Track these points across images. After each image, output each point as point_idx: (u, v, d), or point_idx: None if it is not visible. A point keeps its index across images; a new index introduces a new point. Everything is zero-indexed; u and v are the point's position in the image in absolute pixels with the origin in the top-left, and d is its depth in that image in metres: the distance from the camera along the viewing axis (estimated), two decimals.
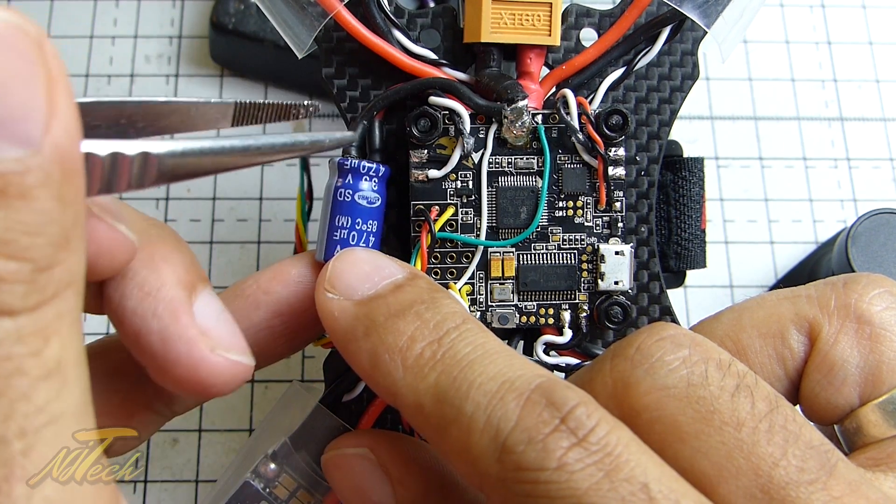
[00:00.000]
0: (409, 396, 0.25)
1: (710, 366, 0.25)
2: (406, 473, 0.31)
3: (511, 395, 0.23)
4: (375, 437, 0.32)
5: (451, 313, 0.27)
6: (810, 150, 0.59)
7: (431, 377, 0.25)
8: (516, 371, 0.24)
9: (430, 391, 0.25)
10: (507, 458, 0.23)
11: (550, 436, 0.22)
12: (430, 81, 0.35)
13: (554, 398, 0.23)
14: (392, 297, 0.28)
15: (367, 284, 0.29)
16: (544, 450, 0.22)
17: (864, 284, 0.29)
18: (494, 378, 0.24)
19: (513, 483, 0.22)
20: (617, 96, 0.37)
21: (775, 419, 0.24)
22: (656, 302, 0.37)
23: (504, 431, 0.23)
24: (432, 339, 0.26)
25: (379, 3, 0.35)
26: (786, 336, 0.29)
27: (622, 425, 0.23)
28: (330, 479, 0.33)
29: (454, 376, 0.25)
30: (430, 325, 0.26)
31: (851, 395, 0.28)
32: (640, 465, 0.22)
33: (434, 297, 0.28)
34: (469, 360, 0.25)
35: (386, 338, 0.26)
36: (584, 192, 0.36)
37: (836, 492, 0.23)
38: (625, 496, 0.21)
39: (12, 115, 0.18)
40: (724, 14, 0.35)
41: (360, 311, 0.28)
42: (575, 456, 0.22)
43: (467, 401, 0.24)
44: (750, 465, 0.23)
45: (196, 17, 0.59)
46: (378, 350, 0.26)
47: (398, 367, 0.26)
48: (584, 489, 0.21)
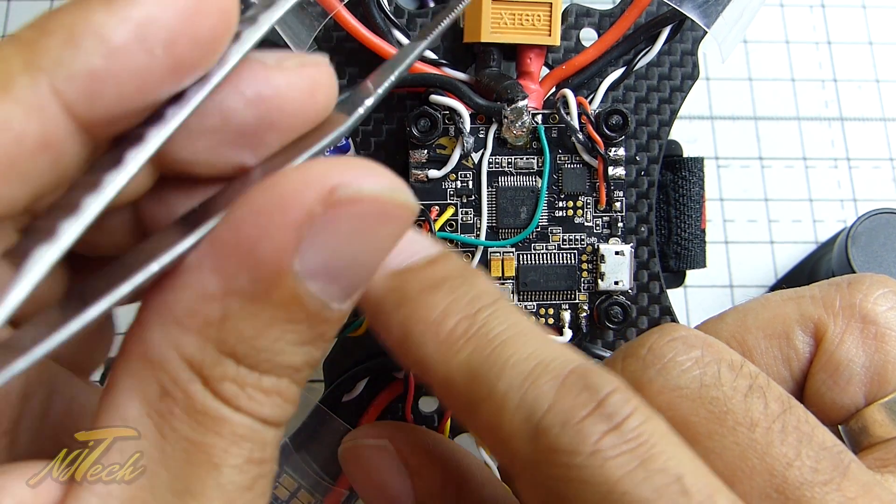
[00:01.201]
0: (439, 371, 0.25)
1: (722, 366, 0.25)
2: (425, 466, 0.30)
3: (546, 377, 0.23)
4: (395, 428, 0.32)
5: (486, 291, 0.27)
6: (810, 150, 0.59)
7: (464, 353, 0.25)
8: (551, 353, 0.24)
9: (463, 367, 0.24)
10: (541, 440, 0.22)
11: (586, 420, 0.22)
12: (430, 77, 0.35)
13: (590, 382, 0.23)
14: (425, 270, 0.27)
15: (400, 257, 0.28)
16: (579, 434, 0.22)
17: (868, 284, 0.29)
18: (529, 358, 0.24)
19: (545, 466, 0.22)
20: (617, 96, 0.37)
21: (788, 420, 0.24)
22: (656, 302, 0.37)
23: (538, 412, 0.23)
24: (466, 314, 0.25)
25: (379, 3, 0.35)
26: (791, 337, 0.29)
27: (658, 416, 0.23)
28: (347, 471, 0.33)
29: (487, 354, 0.24)
30: (464, 300, 0.26)
31: (857, 395, 0.28)
32: (676, 458, 0.22)
33: (468, 273, 0.28)
34: (503, 338, 0.24)
35: (418, 310, 0.26)
36: (584, 192, 0.36)
37: (850, 493, 0.23)
38: (659, 487, 0.21)
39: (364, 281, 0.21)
40: (724, 14, 0.35)
41: (392, 282, 0.27)
42: (610, 442, 0.22)
43: (500, 379, 0.23)
44: (764, 465, 0.23)
45: None
46: (410, 322, 0.26)
47: (430, 341, 0.25)
48: (617, 477, 0.21)
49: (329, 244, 0.20)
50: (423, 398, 0.37)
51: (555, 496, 0.22)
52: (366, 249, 0.21)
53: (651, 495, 0.21)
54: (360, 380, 0.37)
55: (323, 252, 0.20)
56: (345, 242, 0.20)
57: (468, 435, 0.35)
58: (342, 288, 0.21)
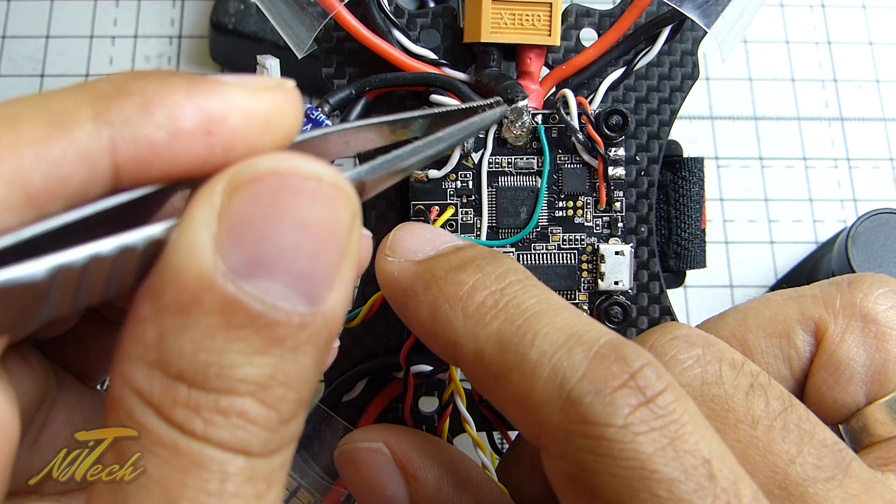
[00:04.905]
0: (469, 345, 0.25)
1: (723, 365, 0.25)
2: (420, 469, 0.30)
3: (579, 347, 0.23)
4: (390, 431, 0.32)
5: (514, 268, 0.27)
6: (810, 150, 0.59)
7: (494, 325, 0.24)
8: (584, 325, 0.24)
9: (493, 338, 0.24)
10: (572, 409, 0.22)
11: (619, 391, 0.22)
12: (430, 76, 0.35)
13: (624, 354, 0.23)
14: (453, 254, 0.27)
15: (428, 247, 0.28)
16: (612, 404, 0.22)
17: (868, 284, 0.29)
18: (561, 330, 0.24)
19: (575, 436, 0.22)
20: (617, 96, 0.37)
21: (790, 418, 0.24)
22: (656, 302, 0.37)
23: (570, 381, 0.22)
24: (495, 288, 0.25)
25: (379, 3, 0.35)
26: (792, 336, 0.29)
27: (687, 395, 0.23)
28: (343, 474, 0.33)
29: (518, 325, 0.24)
30: (492, 276, 0.26)
31: (858, 394, 0.28)
32: (705, 440, 0.22)
33: (494, 254, 0.28)
34: (534, 310, 0.24)
35: (446, 289, 0.26)
36: (584, 192, 0.36)
37: (852, 490, 0.23)
38: (687, 468, 0.21)
39: (313, 272, 0.19)
40: (724, 14, 0.35)
41: (420, 268, 0.27)
42: (641, 416, 0.21)
43: (532, 349, 0.23)
44: (766, 462, 0.23)
45: (196, 17, 0.59)
46: (438, 301, 0.26)
47: (458, 316, 0.25)
48: (648, 454, 0.21)
49: (247, 233, 0.18)
50: (423, 398, 0.37)
51: (582, 469, 0.22)
52: (294, 234, 0.19)
53: (679, 476, 0.21)
54: (359, 380, 0.37)
55: (244, 243, 0.18)
56: (263, 227, 0.19)
57: (466, 435, 0.35)
58: (289, 285, 0.19)
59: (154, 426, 0.18)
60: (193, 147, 0.19)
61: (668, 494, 0.21)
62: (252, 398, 0.19)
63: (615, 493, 0.21)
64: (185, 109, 0.19)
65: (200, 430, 0.18)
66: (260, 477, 0.19)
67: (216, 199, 0.19)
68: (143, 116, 0.19)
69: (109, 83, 0.19)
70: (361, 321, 0.36)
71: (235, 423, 0.19)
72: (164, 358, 0.18)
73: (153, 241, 0.19)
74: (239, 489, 0.19)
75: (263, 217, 0.19)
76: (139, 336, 0.19)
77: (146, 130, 0.19)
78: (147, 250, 0.19)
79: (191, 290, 0.18)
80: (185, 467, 0.18)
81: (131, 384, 0.19)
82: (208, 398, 0.18)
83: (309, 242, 0.19)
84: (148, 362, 0.19)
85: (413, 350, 0.35)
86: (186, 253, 0.18)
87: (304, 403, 0.20)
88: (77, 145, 0.18)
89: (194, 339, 0.18)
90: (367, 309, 0.35)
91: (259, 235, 0.18)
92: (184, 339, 0.18)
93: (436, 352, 0.27)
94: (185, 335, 0.18)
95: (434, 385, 0.37)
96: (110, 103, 0.19)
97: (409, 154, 0.24)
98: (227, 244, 0.18)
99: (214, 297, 0.18)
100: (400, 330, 0.36)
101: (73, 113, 0.19)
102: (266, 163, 0.19)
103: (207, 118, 0.19)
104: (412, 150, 0.24)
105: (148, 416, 0.18)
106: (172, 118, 0.19)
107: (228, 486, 0.19)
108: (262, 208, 0.19)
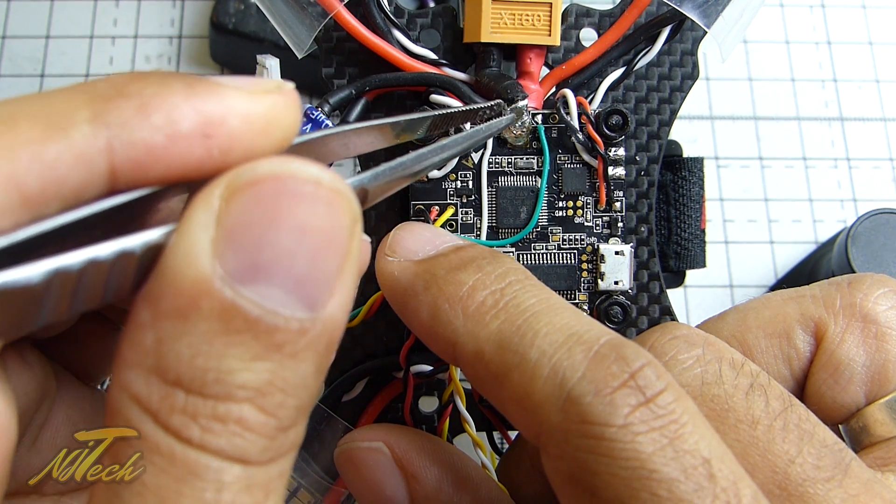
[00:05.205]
0: (469, 344, 0.25)
1: (723, 365, 0.25)
2: (420, 468, 0.30)
3: (579, 347, 0.23)
4: (390, 431, 0.32)
5: (514, 268, 0.27)
6: (810, 150, 0.59)
7: (494, 324, 0.24)
8: (584, 325, 0.24)
9: (492, 337, 0.24)
10: (572, 409, 0.22)
11: (618, 391, 0.22)
12: (430, 76, 0.35)
13: (624, 353, 0.23)
14: (453, 254, 0.27)
15: (428, 247, 0.28)
16: (611, 404, 0.22)
17: (868, 284, 0.29)
18: (561, 329, 0.24)
19: (575, 436, 0.22)
20: (617, 96, 0.37)
21: (789, 418, 0.24)
22: (656, 302, 0.37)
23: (570, 380, 0.22)
24: (495, 288, 0.25)
25: (379, 3, 0.35)
26: (791, 336, 0.29)
27: (687, 395, 0.23)
28: (343, 473, 0.33)
29: (518, 324, 0.24)
30: (492, 275, 0.26)
31: (858, 394, 0.28)
32: (705, 440, 0.22)
33: (495, 254, 0.28)
34: (534, 310, 0.24)
35: (446, 288, 0.26)
36: (584, 192, 0.36)
37: (852, 490, 0.23)
38: (686, 468, 0.21)
39: (312, 277, 0.19)
40: (724, 14, 0.35)
41: (420, 268, 0.27)
42: (641, 416, 0.21)
43: (532, 348, 0.23)
44: (766, 462, 0.23)
45: (196, 17, 0.59)
46: (438, 301, 0.26)
47: (458, 315, 0.25)
48: (648, 454, 0.21)
49: (245, 237, 0.18)
50: (423, 398, 0.37)
51: (582, 469, 0.22)
52: (292, 238, 0.19)
53: (679, 476, 0.21)
54: (359, 380, 0.37)
55: (242, 247, 0.18)
56: (261, 231, 0.18)
57: (466, 435, 0.35)
58: (288, 290, 0.19)
59: (151, 433, 0.18)
60: (191, 150, 0.19)
61: (667, 494, 0.21)
62: (250, 405, 0.19)
63: (615, 493, 0.21)
64: (183, 112, 0.19)
65: (197, 438, 0.18)
66: (257, 486, 0.19)
67: (214, 204, 0.19)
68: (140, 119, 0.19)
69: (108, 84, 0.19)
70: (361, 321, 0.36)
71: (233, 431, 0.18)
72: (162, 363, 0.18)
73: (151, 246, 0.19)
74: (235, 499, 0.19)
75: (262, 221, 0.18)
76: (137, 341, 0.19)
77: (144, 133, 0.19)
78: (145, 255, 0.19)
79: (188, 294, 0.18)
80: (181, 476, 0.18)
81: (129, 390, 0.19)
82: (206, 404, 0.18)
83: (307, 247, 0.19)
84: (146, 368, 0.18)
85: (413, 350, 0.35)
86: (184, 257, 0.18)
87: (305, 411, 0.20)
88: (74, 147, 0.18)
89: (192, 344, 0.18)
90: (367, 309, 0.35)
91: (257, 240, 0.18)
92: (182, 345, 0.18)
93: (436, 352, 0.27)
94: (183, 340, 0.18)
95: (434, 385, 0.37)
96: (108, 105, 0.19)
97: (414, 161, 0.24)
98: (226, 249, 0.18)
99: (212, 301, 0.18)
100: (400, 330, 0.36)
101: (70, 114, 0.19)
102: (264, 166, 0.19)
103: (205, 121, 0.19)
104: (416, 158, 0.24)
105: (145, 422, 0.18)
106: (170, 121, 0.19)
107: (224, 495, 0.18)
108: (260, 212, 0.18)
